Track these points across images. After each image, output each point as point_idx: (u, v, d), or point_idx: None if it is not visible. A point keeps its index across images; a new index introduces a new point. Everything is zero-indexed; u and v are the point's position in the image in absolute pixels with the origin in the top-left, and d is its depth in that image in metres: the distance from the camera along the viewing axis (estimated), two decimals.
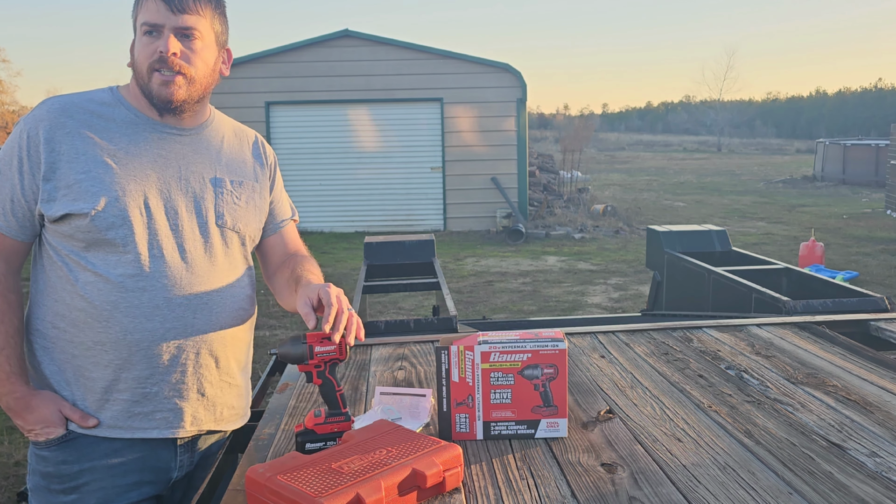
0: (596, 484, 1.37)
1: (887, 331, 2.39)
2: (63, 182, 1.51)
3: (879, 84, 76.20)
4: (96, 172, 1.51)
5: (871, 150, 22.91)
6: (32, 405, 1.54)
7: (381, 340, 2.37)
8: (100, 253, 1.52)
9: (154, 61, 1.52)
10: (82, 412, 1.55)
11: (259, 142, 1.81)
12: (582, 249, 11.57)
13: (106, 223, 1.50)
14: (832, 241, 11.86)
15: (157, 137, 1.60)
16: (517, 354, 1.55)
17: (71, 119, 1.54)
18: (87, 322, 1.53)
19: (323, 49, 13.58)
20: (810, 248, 9.64)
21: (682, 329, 2.45)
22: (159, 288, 1.53)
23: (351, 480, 1.22)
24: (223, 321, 1.62)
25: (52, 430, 1.54)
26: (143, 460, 1.59)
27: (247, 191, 1.70)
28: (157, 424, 1.58)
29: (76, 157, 1.52)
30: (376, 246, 4.12)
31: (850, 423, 1.63)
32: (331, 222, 13.53)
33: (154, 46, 1.52)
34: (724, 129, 56.29)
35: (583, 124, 26.28)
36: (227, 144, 1.71)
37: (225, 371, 1.66)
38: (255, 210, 1.71)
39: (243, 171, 1.71)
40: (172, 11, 1.51)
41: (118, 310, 1.52)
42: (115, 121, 1.57)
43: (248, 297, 1.72)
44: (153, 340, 1.54)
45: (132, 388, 1.55)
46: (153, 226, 1.54)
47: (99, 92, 1.62)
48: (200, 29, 1.56)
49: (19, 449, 4.19)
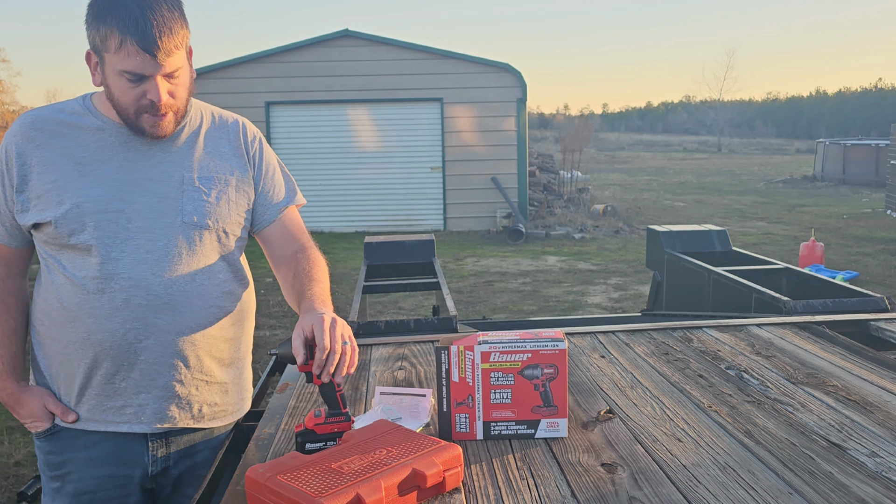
0: (596, 484, 1.37)
1: (887, 331, 2.39)
2: (34, 193, 1.58)
3: (879, 84, 76.26)
4: (62, 181, 1.57)
5: (871, 150, 22.92)
6: (22, 400, 1.67)
7: (381, 340, 2.37)
8: (69, 256, 1.59)
9: (143, 106, 1.54)
10: (64, 407, 1.64)
11: (241, 128, 1.76)
12: (582, 249, 11.58)
13: (68, 229, 1.56)
14: (832, 241, 11.86)
15: (124, 142, 1.61)
16: (517, 354, 1.55)
17: (41, 132, 1.59)
18: (62, 322, 1.61)
19: (323, 49, 13.58)
20: (810, 248, 9.64)
21: (683, 329, 2.45)
22: (118, 290, 1.57)
23: (351, 480, 1.22)
24: (189, 320, 1.62)
25: (40, 423, 1.66)
26: (116, 453, 1.66)
27: (218, 185, 1.67)
28: (128, 419, 1.63)
29: (45, 168, 1.58)
30: (376, 246, 4.12)
31: (850, 423, 1.63)
32: (331, 222, 13.53)
33: (140, 91, 1.52)
34: (724, 129, 56.29)
35: (583, 124, 26.26)
36: (200, 140, 1.69)
37: (198, 369, 1.66)
38: (230, 203, 1.68)
39: (216, 165, 1.68)
40: (158, 61, 1.49)
41: (83, 311, 1.58)
42: (84, 128, 1.61)
43: (227, 294, 1.70)
44: (115, 340, 1.58)
45: (103, 384, 1.61)
46: (115, 230, 1.57)
47: (71, 102, 1.66)
48: (181, 63, 1.55)
49: (19, 449, 4.19)
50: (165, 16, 1.48)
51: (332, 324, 1.44)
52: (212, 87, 13.11)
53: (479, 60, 13.61)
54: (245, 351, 1.81)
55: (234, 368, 1.77)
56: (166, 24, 1.48)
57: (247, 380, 1.85)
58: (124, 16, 1.45)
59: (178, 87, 1.57)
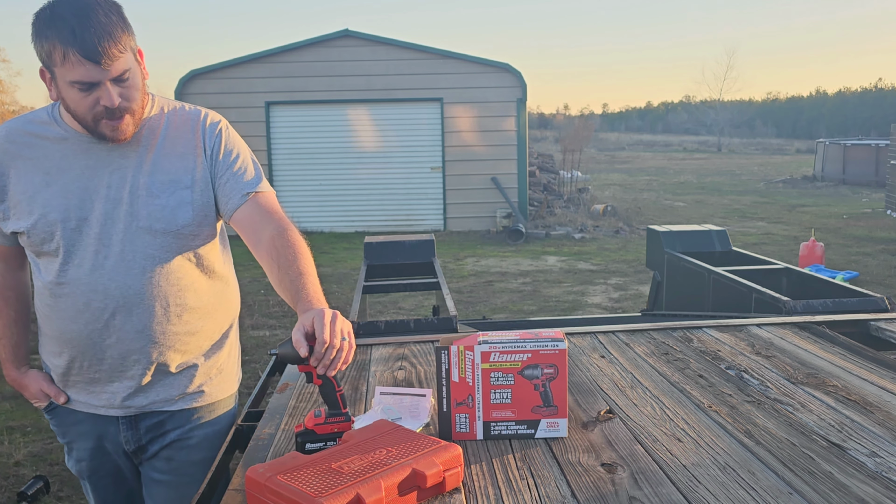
0: (596, 484, 1.37)
1: (887, 331, 2.39)
2: (12, 202, 1.68)
3: (879, 84, 76.25)
4: (31, 192, 1.65)
5: (871, 150, 22.91)
6: (23, 384, 1.86)
7: (381, 340, 2.37)
8: (42, 262, 1.70)
9: (99, 113, 1.56)
10: (57, 390, 1.81)
11: (200, 120, 1.75)
12: (582, 249, 11.57)
13: (39, 238, 1.66)
14: (832, 241, 11.86)
15: (86, 150, 1.66)
16: (517, 354, 1.55)
17: (13, 144, 1.67)
18: (43, 317, 1.76)
19: (323, 49, 13.57)
20: (810, 248, 9.64)
21: (682, 329, 2.45)
22: (79, 294, 1.67)
23: (351, 480, 1.23)
24: (146, 320, 1.69)
25: (41, 403, 1.85)
26: (98, 430, 1.82)
27: (174, 186, 1.68)
28: (103, 403, 1.78)
29: (19, 179, 1.66)
30: (376, 246, 4.11)
31: (850, 423, 1.63)
32: (331, 222, 13.52)
33: (93, 99, 1.55)
34: (725, 129, 56.27)
35: (583, 124, 26.25)
36: (160, 141, 1.70)
37: (161, 362, 1.75)
38: (186, 204, 1.68)
39: (173, 165, 1.69)
40: (103, 67, 1.51)
41: (54, 312, 1.71)
42: (49, 138, 1.67)
43: (189, 291, 1.73)
44: (80, 339, 1.70)
45: (82, 374, 1.76)
46: (77, 237, 1.65)
47: (40, 111, 1.71)
48: (128, 66, 1.56)
49: (19, 449, 4.19)
50: (102, 21, 1.49)
51: (333, 319, 1.44)
52: (212, 87, 13.12)
53: (479, 60, 13.61)
54: (222, 339, 1.86)
55: (207, 357, 1.82)
56: (105, 29, 1.49)
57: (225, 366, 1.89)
58: (62, 27, 1.48)
59: (130, 90, 1.58)
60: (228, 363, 1.91)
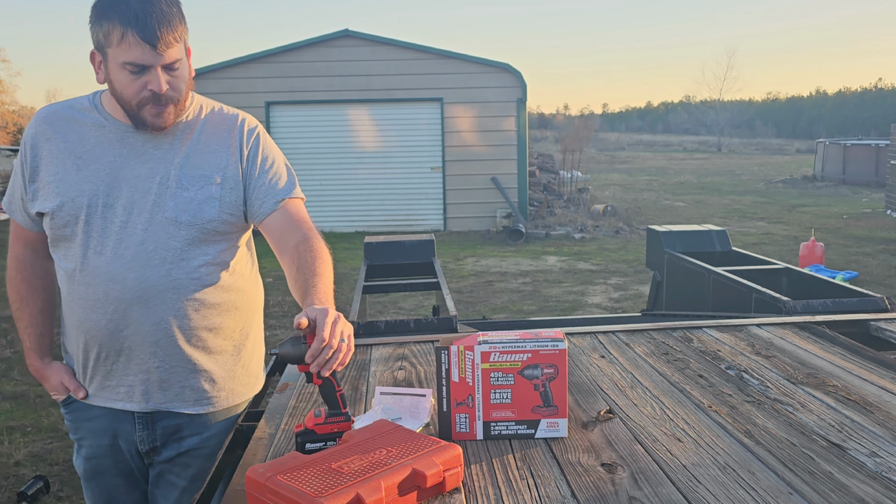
0: (596, 484, 1.37)
1: (887, 331, 2.39)
2: (41, 183, 1.69)
3: (879, 84, 76.23)
4: (62, 175, 1.67)
5: (871, 150, 22.91)
6: (45, 375, 1.85)
7: (381, 340, 2.37)
8: (61, 248, 1.71)
9: (145, 97, 1.60)
10: (77, 384, 1.79)
11: (238, 122, 1.79)
12: (582, 249, 11.57)
13: (62, 221, 1.67)
14: (832, 241, 11.86)
15: (121, 138, 1.68)
16: (517, 354, 1.55)
17: (51, 126, 1.70)
18: (65, 307, 1.76)
19: (323, 49, 13.58)
20: (810, 248, 9.64)
21: (682, 329, 2.45)
22: (98, 283, 1.67)
23: (351, 480, 1.22)
24: (163, 313, 1.69)
25: (59, 396, 1.84)
26: (113, 427, 1.80)
27: (204, 182, 1.70)
28: (120, 397, 1.76)
29: (51, 161, 1.68)
30: (376, 246, 4.11)
31: (850, 423, 1.63)
32: (331, 222, 13.53)
33: (141, 83, 1.59)
34: (724, 129, 56.28)
35: (583, 124, 26.27)
36: (195, 136, 1.73)
37: (177, 357, 1.72)
38: (215, 201, 1.71)
39: (205, 162, 1.72)
40: (158, 52, 1.56)
41: (73, 300, 1.71)
42: (87, 124, 1.70)
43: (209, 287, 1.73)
44: (99, 329, 1.70)
45: (100, 365, 1.75)
46: (102, 224, 1.66)
47: (81, 98, 1.75)
48: (180, 56, 1.62)
49: (19, 449, 4.19)
50: (164, 10, 1.57)
51: (336, 320, 1.44)
52: (212, 87, 13.10)
53: (479, 60, 13.61)
54: (241, 339, 1.84)
55: (225, 356, 1.81)
56: (165, 17, 1.56)
57: (244, 369, 1.87)
58: (125, 10, 1.54)
59: (177, 80, 1.63)
60: (250, 364, 1.89)
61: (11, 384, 5.33)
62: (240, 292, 1.81)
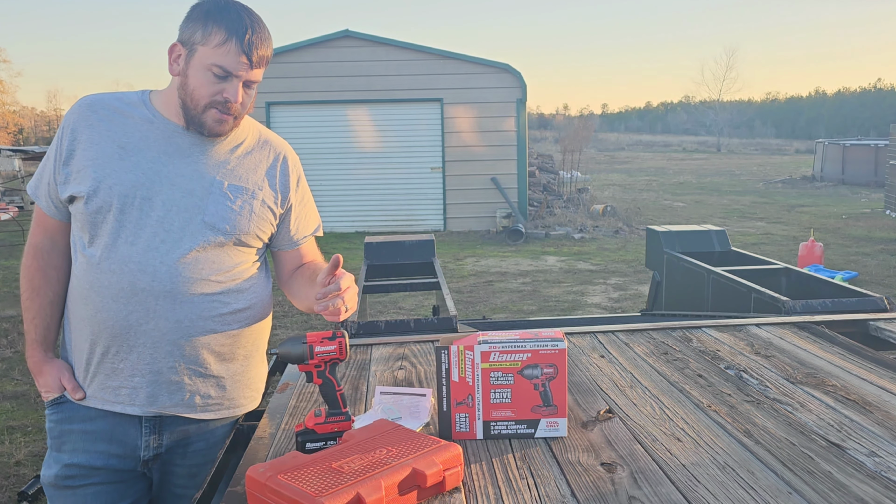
0: (596, 483, 1.38)
1: (886, 331, 2.39)
2: (76, 167, 1.68)
3: (879, 84, 76.30)
4: (101, 161, 1.67)
5: (871, 151, 22.92)
6: (43, 371, 1.79)
7: (381, 340, 2.38)
8: (89, 235, 1.68)
9: (216, 101, 1.65)
10: (75, 384, 1.74)
11: (282, 159, 1.85)
12: (582, 249, 11.58)
13: (95, 206, 1.65)
14: (832, 241, 11.86)
15: (168, 136, 1.71)
16: (517, 354, 1.55)
17: (95, 114, 1.70)
18: (78, 299, 1.72)
19: (323, 49, 13.58)
20: (810, 248, 9.64)
21: (682, 329, 2.45)
22: (126, 273, 1.65)
23: (351, 480, 1.23)
24: (188, 309, 1.68)
25: (51, 394, 1.77)
26: (110, 431, 1.74)
27: (246, 196, 1.74)
28: (122, 399, 1.71)
29: (90, 146, 1.68)
30: (376, 246, 4.12)
31: (849, 423, 1.63)
32: (331, 222, 13.52)
33: (219, 87, 1.64)
34: (724, 129, 56.29)
35: (582, 124, 26.27)
36: (241, 151, 1.77)
37: (192, 359, 1.71)
38: (252, 216, 1.75)
39: (248, 177, 1.76)
40: (250, 66, 1.65)
41: (93, 289, 1.67)
42: (134, 117, 1.71)
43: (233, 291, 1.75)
44: (117, 321, 1.66)
45: (104, 363, 1.70)
46: (137, 216, 1.66)
47: (130, 93, 1.77)
48: (259, 80, 1.70)
49: (19, 449, 4.19)
50: (265, 35, 1.67)
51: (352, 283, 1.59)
52: None
53: (478, 61, 13.61)
54: (251, 349, 1.84)
55: (236, 364, 1.80)
56: (265, 42, 1.67)
57: (252, 378, 1.86)
58: (235, 19, 1.63)
59: (248, 98, 1.70)
60: (259, 375, 1.89)
61: (12, 384, 5.33)
62: (256, 301, 1.82)
